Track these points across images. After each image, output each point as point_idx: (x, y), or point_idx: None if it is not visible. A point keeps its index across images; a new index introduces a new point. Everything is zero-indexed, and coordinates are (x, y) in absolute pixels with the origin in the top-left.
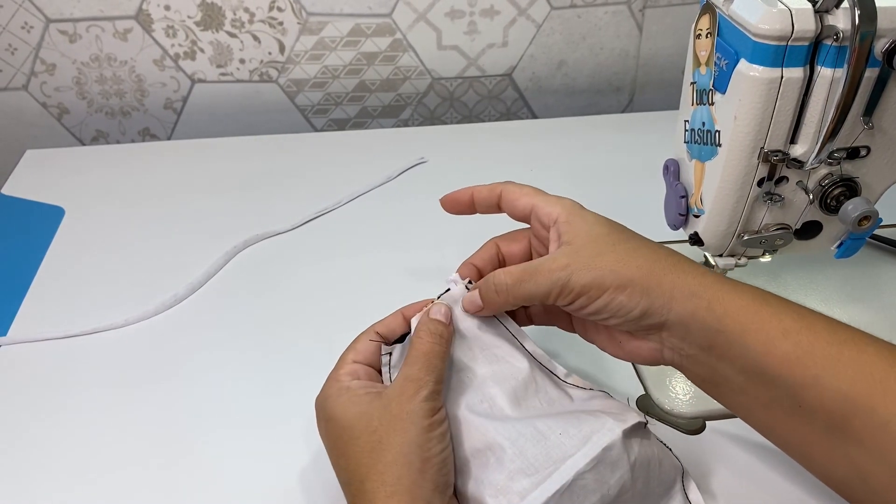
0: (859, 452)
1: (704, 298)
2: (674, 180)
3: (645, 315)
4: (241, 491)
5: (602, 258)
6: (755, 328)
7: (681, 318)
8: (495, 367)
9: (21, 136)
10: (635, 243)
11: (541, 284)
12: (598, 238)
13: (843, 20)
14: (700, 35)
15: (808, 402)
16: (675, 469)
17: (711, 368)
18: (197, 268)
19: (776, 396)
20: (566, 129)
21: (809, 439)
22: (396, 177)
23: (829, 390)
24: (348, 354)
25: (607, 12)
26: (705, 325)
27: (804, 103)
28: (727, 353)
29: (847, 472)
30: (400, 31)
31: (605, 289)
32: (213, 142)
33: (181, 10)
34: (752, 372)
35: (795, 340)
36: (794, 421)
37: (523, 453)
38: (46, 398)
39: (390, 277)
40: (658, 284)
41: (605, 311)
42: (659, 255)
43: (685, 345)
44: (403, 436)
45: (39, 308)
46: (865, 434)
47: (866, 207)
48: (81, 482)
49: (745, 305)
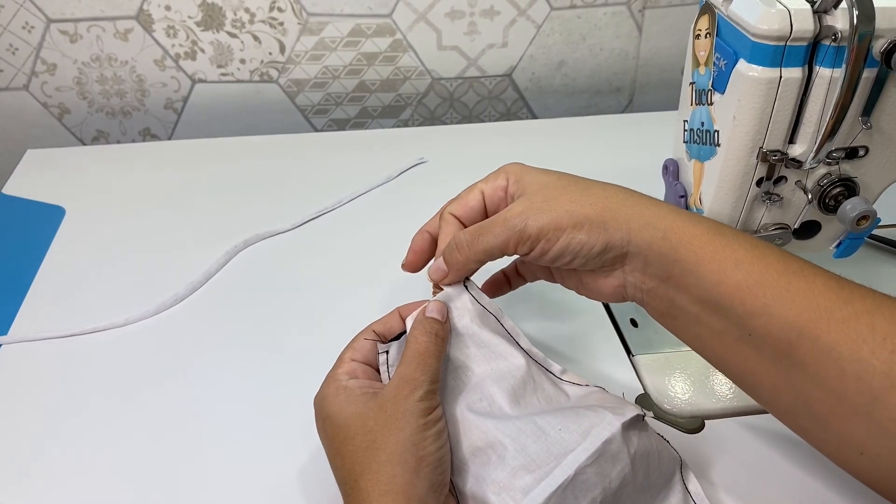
0: (803, 379)
1: (660, 228)
2: (673, 180)
3: (605, 249)
4: (242, 490)
5: (555, 201)
6: (709, 258)
7: (639, 248)
8: (493, 364)
9: (22, 135)
10: (586, 184)
11: (498, 235)
12: (548, 185)
13: (842, 20)
14: (699, 35)
15: (757, 330)
16: (674, 460)
17: (669, 301)
18: (197, 267)
19: (728, 326)
20: (566, 129)
21: (758, 368)
22: (396, 177)
23: (777, 319)
24: (346, 353)
25: (607, 13)
26: (662, 255)
27: (803, 103)
28: (682, 283)
29: (792, 399)
30: (400, 31)
31: (563, 229)
32: (214, 142)
33: (182, 11)
34: (706, 302)
35: (747, 270)
36: (744, 349)
37: (525, 450)
38: (47, 397)
39: (390, 277)
40: (613, 218)
41: (568, 253)
42: (611, 191)
43: (645, 277)
44: (398, 435)
45: (40, 307)
46: (809, 361)
47: (865, 207)
48: (82, 481)
49: (699, 235)
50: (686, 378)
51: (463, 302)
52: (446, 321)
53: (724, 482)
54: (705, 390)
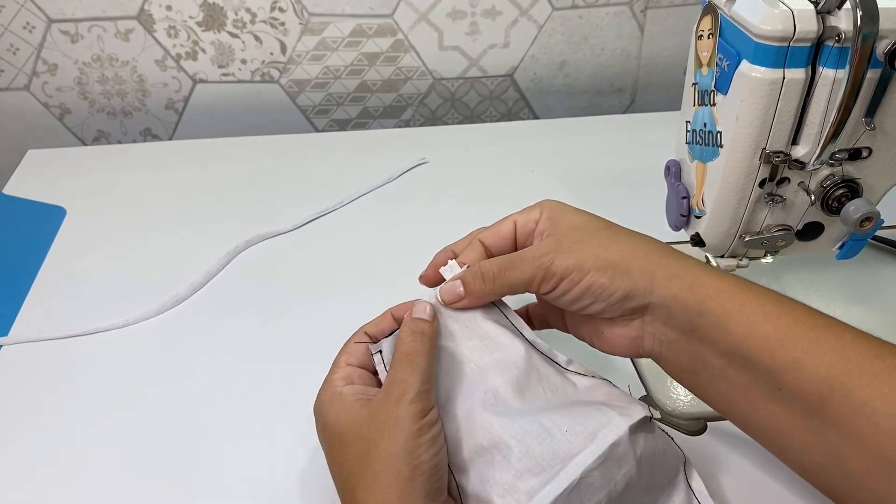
0: (836, 435)
1: (686, 281)
2: (675, 181)
3: (627, 297)
4: (242, 490)
5: (583, 244)
6: (736, 311)
7: (663, 300)
8: (496, 355)
9: (23, 136)
10: (616, 231)
11: (525, 271)
12: (578, 227)
13: (845, 21)
14: (702, 36)
15: (787, 385)
16: (678, 458)
17: (692, 354)
18: (198, 268)
19: (756, 380)
20: (567, 129)
21: (787, 425)
22: (398, 177)
23: (808, 373)
24: (341, 357)
25: (609, 13)
26: (687, 308)
27: (806, 104)
28: (708, 336)
29: (824, 457)
30: (401, 31)
31: (587, 271)
32: (215, 142)
33: (183, 11)
34: (733, 355)
35: (776, 324)
36: (772, 405)
37: (530, 452)
38: (47, 398)
39: (391, 277)
40: (639, 266)
41: (588, 295)
42: (639, 240)
43: (667, 329)
44: (391, 443)
45: (41, 308)
46: (842, 416)
47: (868, 209)
48: (82, 481)
49: (726, 288)
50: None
51: None
52: (434, 320)
53: (726, 484)
54: None
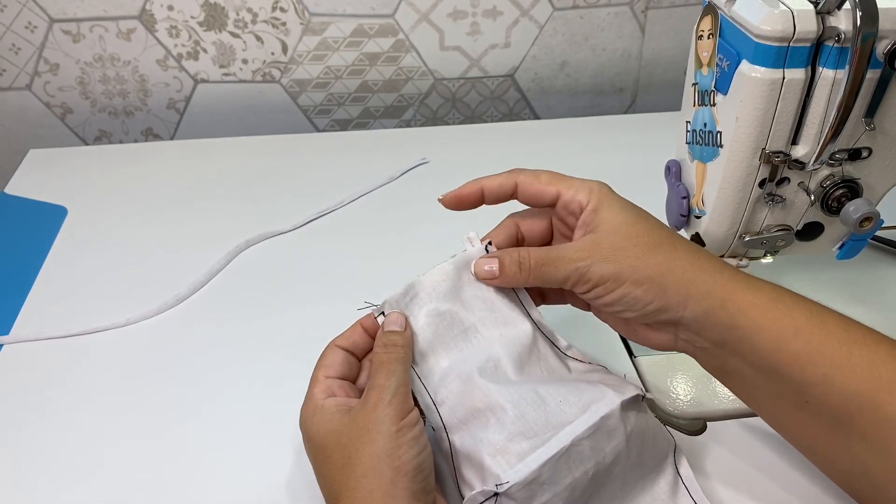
0: (863, 447)
1: (719, 297)
2: (675, 181)
3: (659, 311)
4: (243, 490)
5: (623, 252)
6: (767, 326)
7: (695, 315)
8: (503, 329)
9: (24, 135)
10: (657, 237)
11: (560, 270)
12: (619, 230)
13: (845, 21)
14: (702, 36)
15: (815, 398)
16: (668, 443)
17: (723, 361)
18: (199, 267)
19: (784, 391)
20: (568, 129)
21: (814, 433)
22: (398, 177)
23: (836, 388)
24: (319, 372)
25: (610, 13)
26: (718, 323)
27: (806, 104)
28: (739, 350)
29: (849, 465)
30: (402, 31)
31: (622, 282)
32: (216, 142)
33: (184, 11)
34: (763, 368)
35: (807, 339)
36: (800, 415)
37: (524, 416)
38: (48, 397)
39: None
40: (675, 283)
41: (620, 304)
42: (680, 252)
43: (699, 339)
44: (371, 447)
45: (42, 307)
46: (870, 430)
47: (868, 209)
48: (82, 481)
49: (759, 303)
50: (688, 379)
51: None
52: (406, 328)
53: (725, 483)
54: (707, 392)
